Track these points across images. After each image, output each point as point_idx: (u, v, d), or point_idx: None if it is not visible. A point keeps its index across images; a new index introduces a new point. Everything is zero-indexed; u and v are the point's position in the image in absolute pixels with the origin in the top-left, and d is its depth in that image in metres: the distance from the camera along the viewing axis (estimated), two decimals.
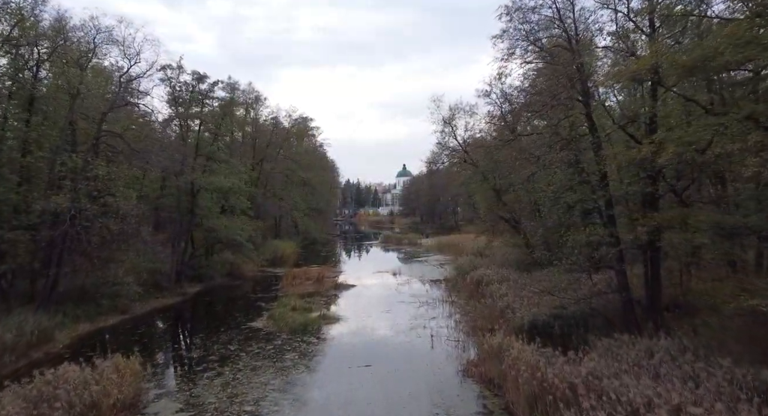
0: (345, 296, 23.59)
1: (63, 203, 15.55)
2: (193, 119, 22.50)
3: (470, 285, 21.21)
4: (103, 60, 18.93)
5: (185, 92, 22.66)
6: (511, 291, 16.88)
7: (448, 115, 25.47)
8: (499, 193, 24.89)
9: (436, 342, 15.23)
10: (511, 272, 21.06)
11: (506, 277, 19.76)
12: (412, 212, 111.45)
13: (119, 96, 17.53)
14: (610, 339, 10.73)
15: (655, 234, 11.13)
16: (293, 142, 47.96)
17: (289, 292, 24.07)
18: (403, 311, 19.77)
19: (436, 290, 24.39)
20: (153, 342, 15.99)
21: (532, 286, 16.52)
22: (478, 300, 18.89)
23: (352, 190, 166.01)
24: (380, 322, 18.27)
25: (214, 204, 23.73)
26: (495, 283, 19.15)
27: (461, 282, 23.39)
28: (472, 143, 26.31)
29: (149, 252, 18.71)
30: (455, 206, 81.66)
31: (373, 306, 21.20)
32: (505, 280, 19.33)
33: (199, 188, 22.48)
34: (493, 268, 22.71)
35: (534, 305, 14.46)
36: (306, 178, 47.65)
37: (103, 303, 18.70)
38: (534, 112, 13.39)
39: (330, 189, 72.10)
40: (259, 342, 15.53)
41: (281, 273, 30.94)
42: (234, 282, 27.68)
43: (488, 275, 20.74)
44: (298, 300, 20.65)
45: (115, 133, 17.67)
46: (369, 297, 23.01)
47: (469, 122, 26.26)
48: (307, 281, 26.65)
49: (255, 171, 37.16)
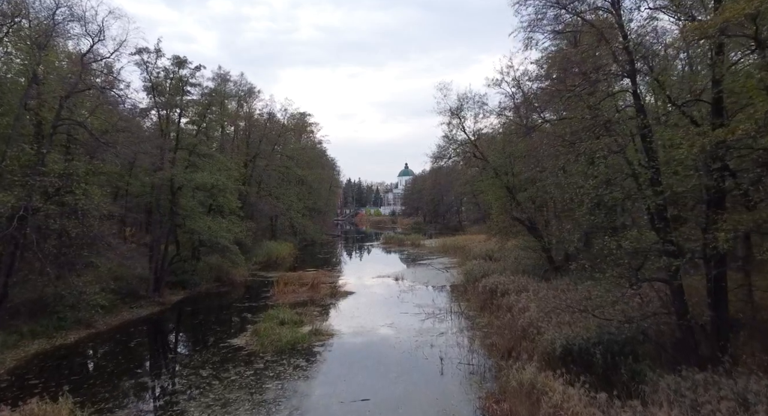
0: (342, 306, 21.22)
1: (9, 201, 13.22)
2: (173, 109, 20.16)
3: (482, 294, 18.81)
4: (68, 40, 16.62)
5: (165, 79, 20.28)
6: (533, 305, 14.46)
7: (455, 105, 23.07)
8: (512, 191, 22.45)
9: (447, 366, 12.86)
10: (528, 280, 18.64)
11: (524, 287, 17.34)
12: (415, 212, 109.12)
13: (81, 78, 15.16)
14: (676, 376, 8.33)
15: (731, 242, 8.70)
16: (290, 137, 45.57)
17: (280, 301, 21.74)
18: (407, 324, 17.39)
19: (444, 298, 22.00)
20: (111, 366, 13.63)
21: (558, 299, 14.11)
22: (494, 314, 16.50)
23: (354, 189, 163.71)
24: (381, 339, 15.90)
25: (198, 203, 21.39)
26: (512, 294, 16.75)
27: (471, 290, 20.99)
28: (482, 136, 23.89)
29: (120, 257, 16.32)
30: (459, 206, 79.31)
31: (372, 318, 18.83)
32: (523, 290, 16.91)
33: (180, 185, 20.14)
34: (507, 275, 20.29)
35: (564, 324, 12.05)
36: (302, 176, 45.24)
37: (67, 316, 16.44)
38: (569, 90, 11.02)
39: (330, 188, 69.68)
40: (237, 366, 13.17)
41: (275, 277, 28.57)
42: (221, 289, 25.34)
43: (503, 283, 18.33)
44: (288, 312, 18.31)
45: (76, 122, 15.34)
46: (368, 307, 20.64)
47: (479, 113, 23.86)
48: (301, 288, 24.29)
49: (248, 168, 34.82)
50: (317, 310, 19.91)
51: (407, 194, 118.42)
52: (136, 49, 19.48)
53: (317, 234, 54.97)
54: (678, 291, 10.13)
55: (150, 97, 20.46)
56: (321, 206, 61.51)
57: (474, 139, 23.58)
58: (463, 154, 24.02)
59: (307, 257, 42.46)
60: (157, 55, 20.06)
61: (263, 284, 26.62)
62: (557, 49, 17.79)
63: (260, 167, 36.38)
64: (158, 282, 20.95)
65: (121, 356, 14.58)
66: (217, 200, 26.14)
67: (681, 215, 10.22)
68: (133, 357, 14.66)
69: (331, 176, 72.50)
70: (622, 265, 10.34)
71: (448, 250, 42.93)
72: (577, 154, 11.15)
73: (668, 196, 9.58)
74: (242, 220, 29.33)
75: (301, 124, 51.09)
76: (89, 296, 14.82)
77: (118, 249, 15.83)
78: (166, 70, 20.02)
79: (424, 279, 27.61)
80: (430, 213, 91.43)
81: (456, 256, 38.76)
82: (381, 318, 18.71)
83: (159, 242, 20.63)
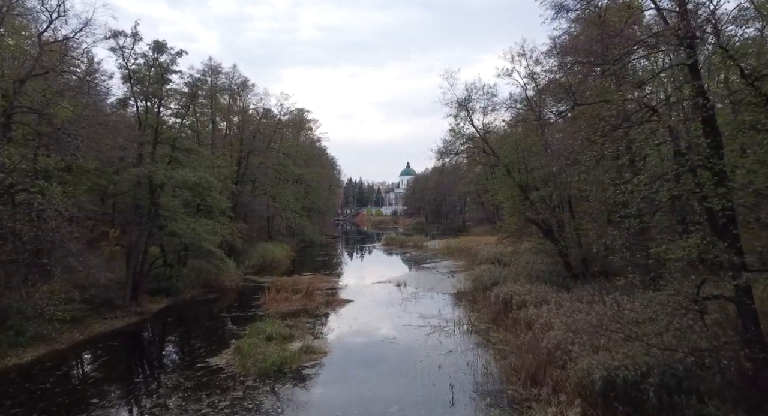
0: (338, 317, 19.25)
1: None
2: (152, 99, 18.18)
3: (495, 305, 16.80)
4: (25, 17, 14.63)
5: (144, 67, 18.27)
6: (557, 320, 12.47)
7: (463, 96, 21.08)
8: (525, 190, 20.46)
9: (459, 395, 10.89)
10: (546, 289, 16.65)
11: (543, 297, 15.34)
12: (417, 212, 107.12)
13: (38, 60, 13.22)
14: None
15: None
16: (287, 134, 43.58)
17: (271, 310, 19.80)
18: (410, 339, 15.42)
19: (451, 308, 20.00)
20: (63, 393, 11.67)
21: (587, 315, 12.11)
22: (510, 330, 14.49)
23: (354, 189, 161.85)
24: (380, 358, 13.92)
25: (182, 203, 19.39)
26: (530, 306, 14.75)
27: (482, 299, 18.99)
28: (492, 131, 21.94)
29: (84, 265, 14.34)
30: (463, 206, 77.26)
31: (371, 331, 16.87)
32: (542, 302, 14.92)
33: (160, 183, 18.19)
34: (521, 282, 18.30)
35: (601, 348, 10.04)
36: (300, 175, 43.23)
37: (25, 330, 14.52)
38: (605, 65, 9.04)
39: (329, 187, 67.71)
40: (212, 394, 11.20)
41: (268, 283, 26.64)
42: (209, 296, 23.38)
43: (518, 293, 16.33)
44: (277, 324, 16.39)
45: (33, 109, 13.40)
46: (367, 319, 18.67)
47: (488, 106, 21.89)
48: (294, 295, 22.30)
49: (241, 166, 32.85)
50: (310, 322, 17.94)
51: (409, 194, 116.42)
52: (110, 33, 17.55)
53: (316, 235, 52.97)
54: (750, 314, 8.14)
55: (127, 86, 18.51)
56: (320, 206, 59.55)
57: (483, 133, 21.57)
58: (471, 150, 22.01)
59: (305, 259, 40.51)
60: (135, 40, 18.08)
61: (255, 290, 24.66)
62: (582, 26, 15.81)
63: (254, 165, 34.41)
64: (136, 290, 19.01)
65: (78, 380, 12.64)
66: (205, 200, 24.24)
67: (760, 219, 8.19)
68: (92, 381, 12.70)
69: (331, 175, 70.54)
70: (676, 278, 8.35)
71: (453, 252, 40.94)
72: (614, 145, 9.13)
73: (744, 194, 7.57)
74: (233, 221, 27.40)
75: (298, 120, 49.14)
76: (45, 308, 12.84)
77: (81, 256, 13.79)
78: (145, 56, 18.04)
79: (428, 284, 25.61)
80: (433, 214, 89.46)
81: (461, 259, 36.78)
82: (381, 331, 16.74)
83: (137, 245, 18.67)
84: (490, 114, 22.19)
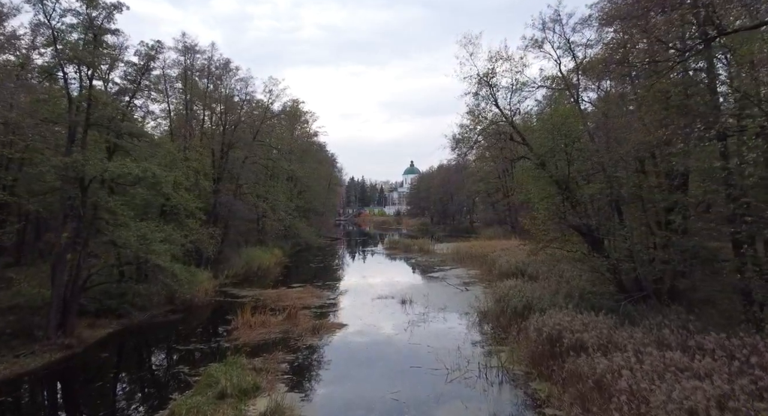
0: (325, 351, 14.88)
1: None
2: (80, 66, 13.81)
3: (536, 343, 12.32)
4: None
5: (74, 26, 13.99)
6: (650, 385, 8.06)
7: (485, 69, 16.69)
8: (565, 187, 16.05)
9: None
10: (605, 322, 12.22)
11: (608, 337, 10.89)
12: (421, 212, 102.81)
13: None
14: None
15: None
16: (276, 124, 39.13)
17: (242, 340, 15.57)
18: (422, 394, 11.03)
19: (472, 341, 15.51)
20: None
21: (694, 377, 7.72)
22: (565, 387, 10.01)
23: (357, 188, 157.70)
24: None
25: (140, 204, 15.01)
26: (592, 350, 10.31)
27: (513, 329, 14.55)
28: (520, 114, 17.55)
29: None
30: (471, 206, 72.75)
31: (367, 378, 12.51)
32: (609, 345, 10.49)
33: (93, 177, 13.90)
34: (565, 308, 13.86)
35: None
36: (292, 171, 38.82)
37: None
38: None
39: (329, 185, 63.32)
40: None
41: (248, 297, 22.38)
42: (171, 317, 19.06)
43: (568, 328, 11.87)
44: (240, 368, 12.09)
45: None
46: (363, 355, 14.33)
47: (516, 86, 17.50)
48: (275, 317, 17.94)
49: (222, 160, 28.52)
50: (287, 361, 13.58)
51: (413, 193, 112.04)
52: None
53: (312, 237, 48.60)
54: None
55: (52, 50, 14.17)
56: (318, 206, 55.25)
57: (511, 115, 17.14)
58: (495, 137, 17.50)
59: (298, 266, 36.19)
60: None
61: (231, 308, 20.35)
62: None
63: (238, 159, 30.09)
64: (66, 315, 14.71)
65: None
66: (169, 200, 19.93)
67: None
68: None
69: (331, 173, 66.11)
70: None
71: (464, 258, 36.51)
72: None
73: None
74: (206, 225, 23.10)
75: (293, 111, 44.76)
76: None
77: None
78: (74, 11, 13.64)
79: (439, 302, 21.19)
80: (438, 214, 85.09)
81: (474, 267, 32.36)
82: (380, 379, 12.35)
83: (63, 257, 14.34)
84: (517, 93, 17.77)
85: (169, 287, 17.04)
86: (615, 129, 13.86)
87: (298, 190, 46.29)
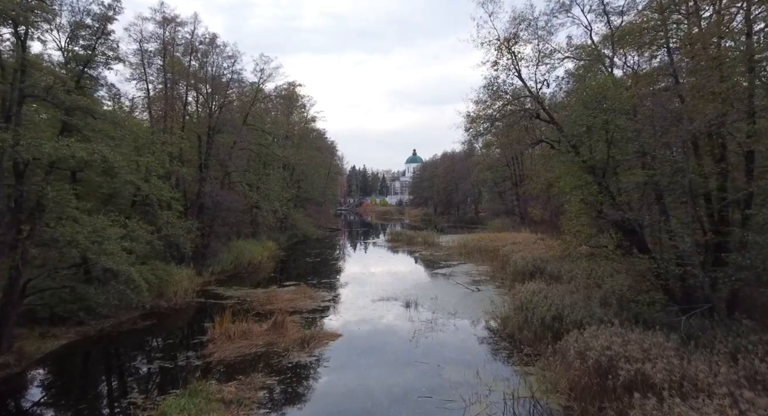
0: (314, 371, 12.34)
1: None
2: (14, 22, 11.09)
3: (580, 372, 9.71)
4: None
5: None
6: None
7: (507, 33, 13.90)
8: (603, 175, 13.36)
9: None
10: (661, 341, 9.65)
11: (680, 368, 8.30)
12: (425, 202, 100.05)
13: None
14: None
15: None
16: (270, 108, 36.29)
17: (217, 355, 13.09)
18: None
19: (491, 359, 12.91)
20: None
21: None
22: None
23: (358, 177, 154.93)
24: None
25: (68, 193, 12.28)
26: (665, 390, 7.71)
27: (547, 351, 11.95)
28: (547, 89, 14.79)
29: None
30: (477, 196, 70.00)
31: (365, 409, 9.95)
32: (685, 380, 7.91)
33: (29, 161, 11.27)
34: (611, 322, 11.28)
35: None
36: (285, 158, 36.04)
37: None
38: None
39: (328, 174, 60.56)
40: None
41: (233, 299, 19.91)
42: (141, 323, 16.58)
43: (623, 355, 9.25)
44: (207, 400, 9.63)
45: None
46: (359, 377, 11.78)
47: (542, 53, 14.71)
48: (259, 326, 15.39)
49: (207, 145, 25.81)
50: (267, 386, 11.07)
51: (416, 182, 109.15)
52: None
53: (310, 228, 46.13)
54: None
55: None
56: (316, 195, 52.69)
57: (537, 89, 14.35)
58: (518, 114, 14.67)
59: (294, 260, 33.67)
60: None
61: (211, 311, 17.87)
62: None
63: (226, 145, 27.38)
64: (2, 327, 12.17)
65: None
66: (141, 189, 17.27)
67: None
68: None
69: (330, 161, 63.21)
70: None
71: (472, 252, 33.98)
72: None
73: None
74: (183, 217, 20.52)
75: (289, 95, 41.82)
76: None
77: None
78: None
79: (448, 305, 18.63)
80: (442, 204, 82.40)
81: (484, 262, 29.82)
82: (380, 412, 9.81)
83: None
84: (543, 65, 14.96)
85: (122, 294, 14.27)
86: (664, 102, 11.13)
87: (294, 179, 43.58)
